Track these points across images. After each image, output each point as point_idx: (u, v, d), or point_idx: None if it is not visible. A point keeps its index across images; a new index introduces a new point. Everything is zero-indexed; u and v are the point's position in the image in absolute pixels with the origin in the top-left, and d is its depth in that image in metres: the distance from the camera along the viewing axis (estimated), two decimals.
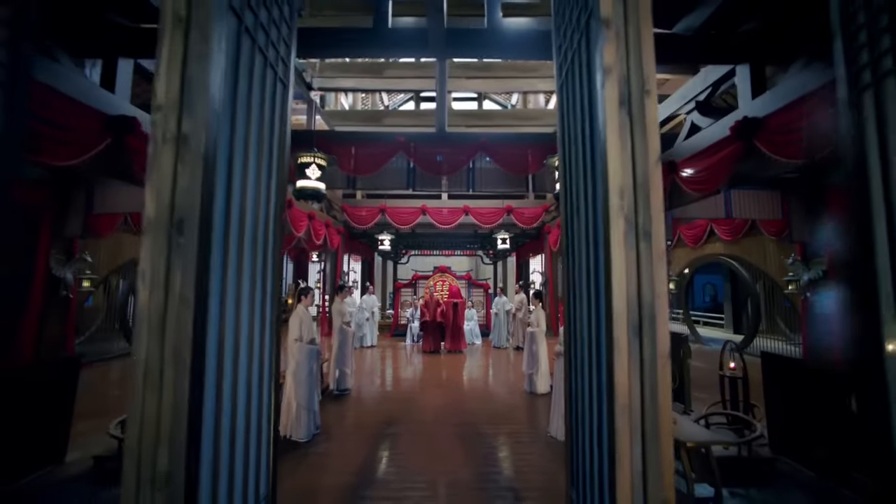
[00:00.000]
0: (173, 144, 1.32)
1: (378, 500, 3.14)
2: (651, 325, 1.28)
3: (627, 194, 1.31)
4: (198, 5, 1.37)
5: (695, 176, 5.10)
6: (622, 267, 1.29)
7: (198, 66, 1.35)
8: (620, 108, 1.34)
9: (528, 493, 3.23)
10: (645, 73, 1.36)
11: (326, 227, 9.89)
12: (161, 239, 1.29)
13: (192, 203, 1.31)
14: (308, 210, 8.76)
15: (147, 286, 1.27)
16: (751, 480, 3.20)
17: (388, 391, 6.49)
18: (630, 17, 1.38)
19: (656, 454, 1.23)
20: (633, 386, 1.26)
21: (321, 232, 9.65)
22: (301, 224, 8.42)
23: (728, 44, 4.32)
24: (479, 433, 4.54)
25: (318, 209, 9.62)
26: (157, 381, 1.25)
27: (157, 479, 1.22)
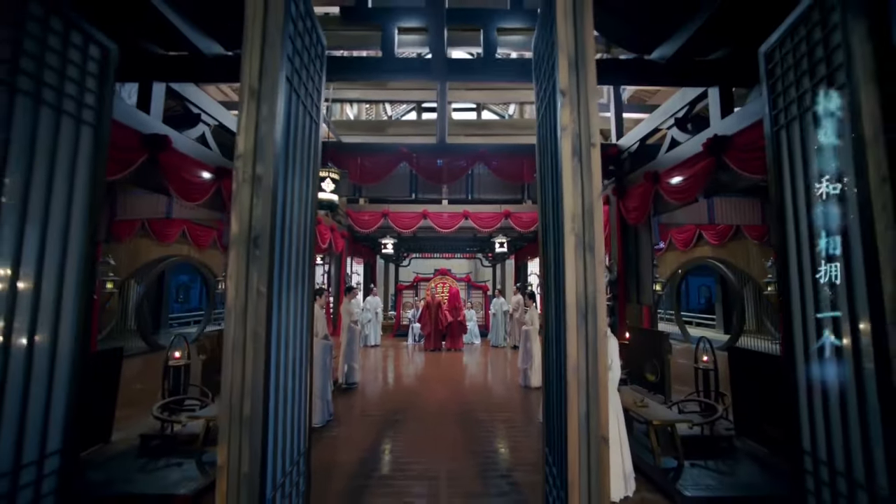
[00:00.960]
0: (250, 183, 1.84)
1: (386, 473, 3.65)
2: (593, 312, 1.79)
3: (577, 219, 1.83)
4: (266, 79, 1.90)
5: (674, 186, 5.62)
6: (573, 271, 1.81)
7: (266, 126, 1.88)
8: (573, 157, 1.86)
9: (519, 466, 3.74)
10: (591, 130, 1.88)
11: (332, 232, 10.41)
12: (243, 251, 1.81)
13: (264, 225, 1.83)
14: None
15: (234, 285, 1.79)
16: (710, 455, 3.71)
17: (393, 385, 7.01)
18: (581, 89, 1.91)
19: (596, 402, 1.75)
20: (580, 354, 1.77)
21: (327, 236, 10.16)
22: None
23: (699, 69, 4.84)
24: (476, 420, 5.05)
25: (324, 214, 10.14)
26: (241, 353, 1.78)
27: (243, 421, 1.74)
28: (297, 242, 2.30)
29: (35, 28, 2.20)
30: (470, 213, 11.27)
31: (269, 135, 1.88)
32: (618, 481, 3.18)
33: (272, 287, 1.87)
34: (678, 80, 5.08)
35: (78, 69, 2.47)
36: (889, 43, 1.95)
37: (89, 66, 2.55)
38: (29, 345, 2.15)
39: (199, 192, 5.40)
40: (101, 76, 2.62)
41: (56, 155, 2.32)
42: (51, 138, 2.30)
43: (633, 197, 6.67)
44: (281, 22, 1.92)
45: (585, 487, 1.75)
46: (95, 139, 2.57)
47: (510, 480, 3.48)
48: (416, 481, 3.47)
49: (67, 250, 2.37)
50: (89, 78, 2.55)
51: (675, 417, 3.73)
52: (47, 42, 2.26)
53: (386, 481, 3.50)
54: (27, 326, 2.15)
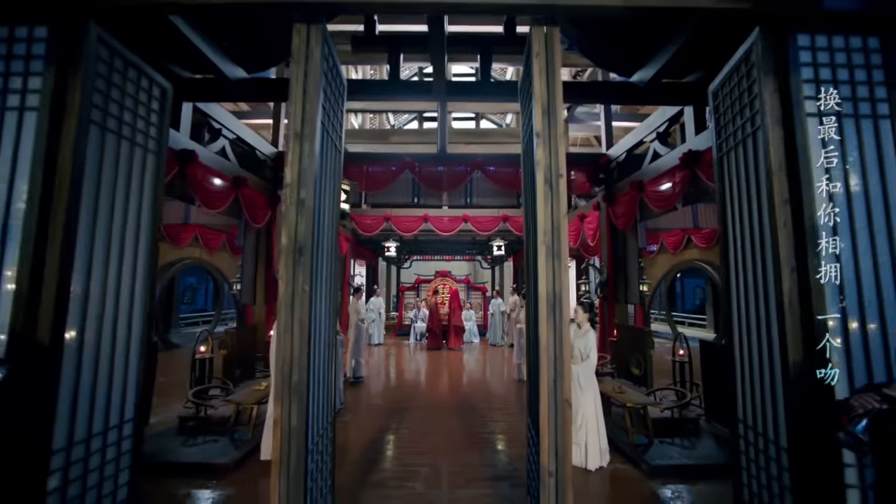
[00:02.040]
0: (296, 206, 2.42)
1: (395, 449, 4.23)
2: (559, 305, 2.37)
3: (548, 233, 2.41)
4: (307, 126, 2.48)
5: (656, 194, 6.20)
6: (544, 273, 2.39)
7: (307, 160, 2.46)
8: (545, 185, 2.44)
9: (511, 444, 4.31)
10: (559, 164, 2.46)
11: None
12: (291, 258, 2.39)
13: (306, 238, 2.41)
14: None
15: (284, 284, 2.37)
16: (678, 434, 4.28)
17: (398, 379, 7.58)
18: (551, 132, 2.49)
19: (562, 373, 2.32)
20: (549, 337, 2.35)
21: None
22: None
23: (674, 91, 5.42)
24: (474, 407, 5.63)
25: None
26: (290, 335, 2.35)
27: (292, 387, 2.31)
28: (327, 250, 2.88)
29: (118, 79, 2.79)
30: (469, 217, 11.84)
31: (310, 167, 2.46)
32: (594, 453, 3.76)
33: (314, 285, 2.45)
34: (656, 101, 5.66)
35: (145, 108, 3.05)
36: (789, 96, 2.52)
37: (152, 105, 3.14)
38: (112, 332, 2.73)
39: (220, 200, 5.99)
40: (161, 111, 3.21)
41: (131, 179, 2.91)
42: (128, 166, 2.88)
43: (621, 204, 7.24)
44: (317, 81, 2.50)
45: (553, 437, 2.32)
46: (157, 164, 3.16)
47: (503, 454, 4.05)
48: (420, 456, 4.04)
49: (138, 254, 2.95)
50: (153, 114, 3.14)
51: (646, 401, 4.31)
52: (125, 89, 2.85)
53: (394, 455, 4.07)
54: (112, 318, 2.73)
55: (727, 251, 3.10)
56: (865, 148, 2.49)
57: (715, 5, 2.55)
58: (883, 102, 2.52)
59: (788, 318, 2.41)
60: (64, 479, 2.40)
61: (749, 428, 2.82)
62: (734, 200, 3.01)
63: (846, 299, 2.36)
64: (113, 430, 2.74)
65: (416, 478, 3.58)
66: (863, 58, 2.56)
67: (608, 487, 3.48)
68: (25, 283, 2.30)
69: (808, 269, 2.40)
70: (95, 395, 2.62)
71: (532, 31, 2.57)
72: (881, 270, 2.38)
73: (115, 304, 2.78)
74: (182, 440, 4.14)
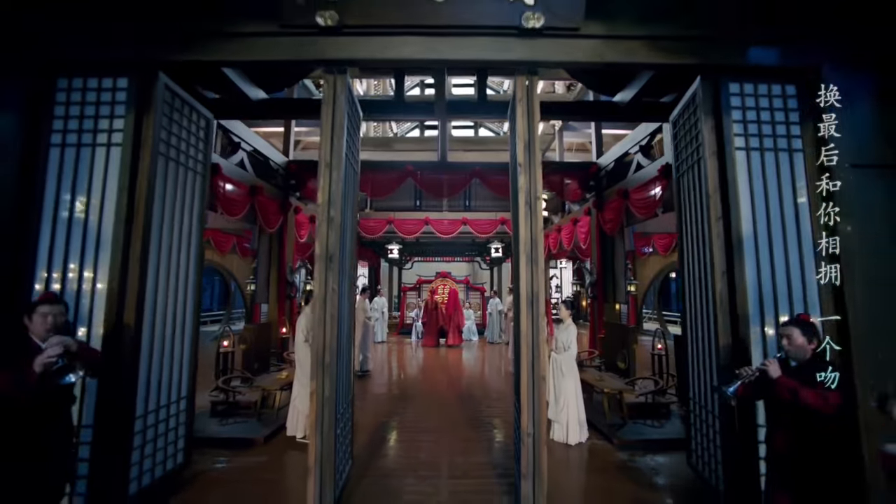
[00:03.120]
0: (327, 222, 3.08)
1: (402, 429, 4.88)
2: (537, 301, 3.02)
3: (527, 244, 3.06)
4: (335, 157, 3.13)
5: (638, 202, 6.85)
6: (524, 276, 3.04)
7: (335, 186, 3.11)
8: (525, 206, 3.09)
9: (505, 425, 4.95)
10: (537, 189, 3.11)
11: None
12: (323, 264, 3.05)
13: (335, 248, 3.07)
14: None
15: (318, 285, 3.03)
16: (651, 416, 4.92)
17: (401, 373, 8.24)
18: (531, 163, 3.14)
19: (539, 356, 2.98)
20: (528, 327, 3.01)
21: None
22: None
23: (652, 109, 6.06)
24: (471, 395, 6.29)
25: None
26: (323, 326, 3.01)
27: (325, 366, 2.97)
28: (348, 256, 3.53)
29: (176, 115, 3.45)
30: (468, 220, 12.49)
31: (337, 190, 3.11)
32: (574, 431, 4.41)
33: (342, 285, 3.11)
34: (637, 118, 6.30)
35: (194, 137, 3.71)
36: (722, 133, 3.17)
37: (199, 133, 3.80)
38: (173, 324, 3.39)
39: (239, 208, 6.64)
40: (205, 138, 3.87)
41: (185, 196, 3.56)
42: (182, 187, 3.54)
43: (609, 210, 7.89)
44: (342, 121, 3.16)
45: (530, 406, 2.97)
46: (203, 182, 3.82)
47: (498, 431, 4.70)
48: (424, 433, 4.69)
49: (189, 259, 3.61)
50: (200, 141, 3.80)
51: (621, 387, 4.97)
52: (181, 123, 3.51)
53: (401, 433, 4.72)
54: (172, 313, 3.39)
55: (682, 257, 3.76)
56: (782, 176, 3.14)
57: (663, 61, 3.20)
58: (797, 138, 3.17)
59: (720, 312, 3.07)
60: (143, 439, 3.06)
61: (697, 404, 3.48)
62: (687, 214, 3.66)
63: (763, 296, 3.02)
64: (173, 404, 3.41)
65: (420, 450, 4.24)
66: (782, 102, 3.22)
67: (585, 457, 4.14)
68: (116, 284, 2.96)
69: (735, 273, 3.06)
70: (161, 375, 3.28)
71: (516, 81, 3.22)
72: (791, 273, 3.04)
73: (175, 301, 3.45)
74: (216, 421, 4.79)
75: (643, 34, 3.17)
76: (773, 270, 3.05)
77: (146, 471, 3.12)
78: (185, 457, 3.54)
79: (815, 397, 2.13)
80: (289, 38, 3.13)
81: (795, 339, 2.33)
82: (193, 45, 3.17)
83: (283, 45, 3.15)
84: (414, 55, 3.17)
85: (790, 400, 2.19)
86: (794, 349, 2.33)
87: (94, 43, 3.13)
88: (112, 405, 2.88)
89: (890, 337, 2.84)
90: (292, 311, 8.52)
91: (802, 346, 2.31)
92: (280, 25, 3.09)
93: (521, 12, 3.03)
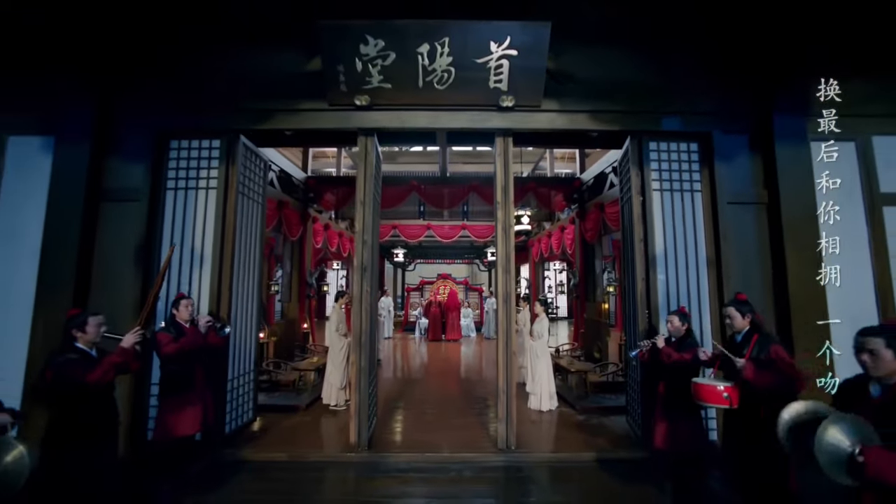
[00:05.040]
0: (362, 243, 4.47)
1: (411, 402, 6.26)
2: (509, 300, 4.40)
3: (503, 258, 4.44)
4: (367, 196, 4.52)
5: (612, 215, 8.21)
6: (501, 281, 4.42)
7: (369, 217, 4.50)
8: (503, 232, 4.47)
9: (494, 400, 6.33)
10: (510, 221, 4.49)
11: (350, 242, 13.04)
12: (359, 273, 4.44)
13: (368, 262, 4.46)
14: (338, 230, 11.90)
15: (357, 287, 4.42)
16: (610, 392, 6.29)
17: (407, 363, 9.63)
18: (506, 202, 4.52)
19: (511, 338, 4.36)
20: (503, 318, 4.39)
21: (346, 246, 12.80)
22: (333, 241, 11.58)
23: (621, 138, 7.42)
24: (468, 378, 7.68)
25: (344, 228, 12.76)
26: (359, 316, 4.40)
27: (362, 345, 4.36)
28: (373, 266, 4.90)
29: (248, 163, 4.84)
30: (467, 226, 13.89)
31: (370, 221, 4.50)
32: (546, 400, 5.80)
33: (372, 288, 4.50)
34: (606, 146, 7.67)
35: (258, 176, 5.11)
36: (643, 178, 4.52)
37: (260, 173, 5.19)
38: (245, 317, 4.79)
39: (270, 221, 8.03)
40: (264, 177, 5.26)
41: (251, 222, 4.96)
42: (252, 217, 4.93)
43: (589, 220, 9.26)
44: (372, 172, 4.54)
45: (505, 371, 4.36)
46: (262, 210, 5.21)
47: (486, 403, 6.08)
48: (428, 404, 6.07)
49: (254, 268, 5.00)
50: (260, 179, 5.19)
51: (586, 369, 6.35)
52: (251, 168, 4.90)
53: (410, 404, 6.11)
54: (245, 308, 4.80)
55: (623, 268, 5.14)
56: (686, 209, 4.52)
57: (600, 128, 4.59)
58: (697, 182, 4.55)
59: (640, 306, 4.45)
60: (233, 395, 4.47)
61: (630, 377, 4.87)
62: (626, 234, 5.04)
63: (669, 295, 4.40)
64: (245, 375, 4.81)
65: (425, 413, 5.62)
66: (687, 155, 4.60)
67: (552, 419, 5.52)
68: (216, 287, 4.35)
69: (650, 278, 4.44)
70: (237, 353, 4.69)
71: (496, 141, 4.59)
72: (690, 278, 4.42)
73: (246, 299, 4.84)
74: (263, 395, 6.17)
75: (586, 109, 4.55)
76: (677, 277, 4.44)
77: (233, 420, 4.52)
78: (254, 414, 4.95)
79: (679, 357, 3.50)
80: (334, 113, 4.52)
81: (675, 323, 3.69)
82: (267, 118, 4.55)
83: (330, 118, 4.53)
84: (423, 125, 4.56)
85: (667, 361, 3.56)
86: (673, 329, 3.69)
87: (197, 118, 4.52)
88: (218, 370, 4.27)
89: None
90: (311, 310, 9.92)
91: (678, 327, 3.67)
92: (328, 105, 4.48)
93: (498, 95, 4.41)
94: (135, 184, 4.36)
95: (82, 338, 2.76)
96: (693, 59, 4.57)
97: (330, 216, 11.53)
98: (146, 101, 4.48)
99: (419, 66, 4.21)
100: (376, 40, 4.09)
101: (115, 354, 2.77)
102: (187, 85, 4.52)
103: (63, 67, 4.28)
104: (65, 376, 2.57)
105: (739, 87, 4.52)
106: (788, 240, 4.21)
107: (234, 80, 4.52)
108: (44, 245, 4.14)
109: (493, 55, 4.17)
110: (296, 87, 4.52)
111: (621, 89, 4.56)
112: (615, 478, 3.85)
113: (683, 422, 3.45)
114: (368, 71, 4.24)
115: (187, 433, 3.48)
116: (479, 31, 4.07)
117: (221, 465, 3.97)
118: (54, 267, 4.10)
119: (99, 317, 2.85)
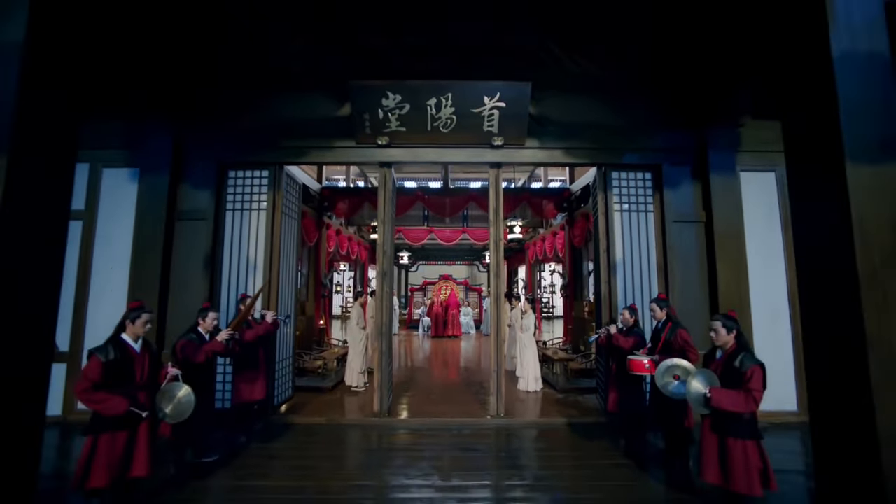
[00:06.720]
0: (383, 254, 5.72)
1: (416, 389, 7.50)
2: (500, 298, 5.64)
3: (494, 265, 5.68)
4: (386, 216, 5.77)
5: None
6: (494, 283, 5.66)
7: (387, 234, 5.75)
8: (494, 245, 5.71)
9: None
10: (500, 236, 5.72)
11: (358, 245, 14.27)
12: (381, 277, 5.69)
13: (387, 268, 5.72)
14: (348, 234, 13.15)
15: (380, 289, 5.68)
16: (588, 376, 7.53)
17: (411, 356, 10.88)
18: (497, 220, 5.75)
19: (501, 327, 5.60)
20: (495, 312, 5.63)
21: (355, 249, 14.04)
22: (344, 245, 12.82)
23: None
24: (467, 368, 8.93)
25: (353, 231, 14.00)
26: (381, 311, 5.65)
27: (383, 333, 5.61)
28: (391, 271, 6.14)
29: (289, 188, 6.09)
30: (467, 230, 15.12)
31: (389, 237, 5.74)
32: (532, 383, 7.05)
33: (391, 288, 5.75)
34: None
35: (295, 198, 6.35)
36: (607, 201, 5.75)
37: (296, 194, 6.43)
38: (286, 311, 6.04)
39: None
40: (299, 198, 6.51)
41: (291, 236, 6.21)
42: (292, 232, 6.18)
43: (577, 227, 10.49)
44: (391, 197, 5.79)
45: (495, 355, 5.60)
46: (297, 225, 6.46)
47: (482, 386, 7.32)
48: (433, 387, 7.32)
49: (291, 272, 6.25)
50: (296, 199, 6.43)
51: (568, 358, 7.60)
52: (291, 191, 6.15)
53: (418, 387, 7.36)
54: (285, 304, 6.05)
55: (595, 272, 6.38)
56: (641, 227, 5.76)
57: (573, 161, 5.83)
58: (650, 204, 5.79)
59: (604, 303, 5.70)
60: (280, 374, 5.73)
61: (599, 363, 6.11)
62: (596, 245, 6.28)
63: (626, 294, 5.64)
64: (287, 360, 6.07)
65: (431, 393, 6.87)
66: (643, 182, 5.83)
67: (536, 398, 6.76)
68: (266, 288, 5.60)
69: (611, 281, 5.68)
70: (280, 341, 5.94)
71: (490, 172, 5.83)
72: (643, 281, 5.66)
73: (287, 298, 6.09)
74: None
75: (561, 146, 5.79)
76: (633, 280, 5.68)
77: (279, 394, 5.77)
78: (293, 391, 6.21)
79: (625, 343, 4.73)
80: (360, 149, 5.76)
81: (626, 316, 4.92)
82: (306, 153, 5.80)
83: (356, 153, 5.78)
84: (431, 158, 5.81)
85: (617, 346, 4.80)
86: (624, 321, 4.93)
87: (250, 153, 5.76)
88: (269, 354, 5.53)
89: (692, 316, 5.46)
90: (326, 308, 11.17)
91: (628, 320, 4.90)
92: (355, 143, 5.72)
93: (491, 136, 5.66)
94: (202, 206, 5.61)
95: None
96: (648, 106, 5.81)
97: (341, 222, 12.76)
98: (210, 139, 5.73)
99: (428, 114, 5.45)
100: (395, 95, 5.33)
101: (211, 344, 4.00)
102: (242, 125, 5.77)
103: (145, 115, 5.53)
104: (184, 353, 3.80)
105: (684, 127, 5.76)
106: (719, 251, 5.46)
107: (279, 123, 5.76)
108: (133, 254, 5.40)
109: (486, 106, 5.41)
110: (328, 128, 5.77)
111: (590, 130, 5.80)
112: (581, 435, 5.10)
113: (627, 389, 4.68)
114: (388, 118, 5.49)
115: (256, 399, 4.74)
116: (475, 89, 5.31)
117: (277, 426, 5.22)
118: (142, 271, 5.35)
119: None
